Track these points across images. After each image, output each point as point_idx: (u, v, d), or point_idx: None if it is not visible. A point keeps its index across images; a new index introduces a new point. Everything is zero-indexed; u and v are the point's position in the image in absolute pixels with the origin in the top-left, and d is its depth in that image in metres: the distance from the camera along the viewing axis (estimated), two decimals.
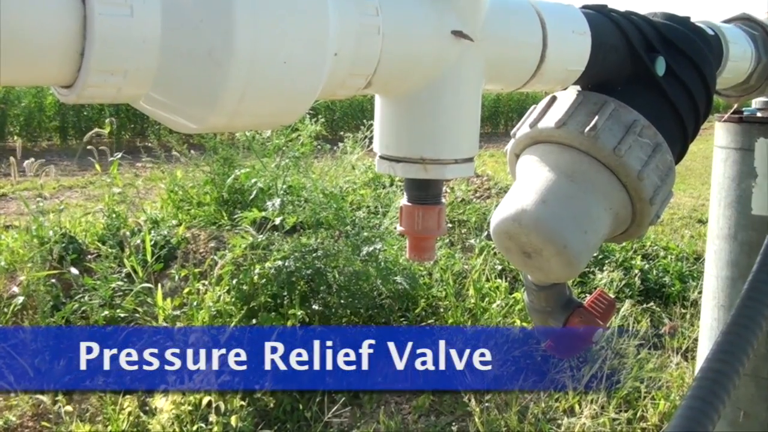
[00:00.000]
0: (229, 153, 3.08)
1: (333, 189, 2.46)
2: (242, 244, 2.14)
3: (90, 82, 0.31)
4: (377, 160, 0.52)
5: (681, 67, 0.61)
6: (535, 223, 0.55)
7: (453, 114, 0.48)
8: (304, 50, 0.35)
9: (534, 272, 0.61)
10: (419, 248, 0.53)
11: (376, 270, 2.19)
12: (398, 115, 0.48)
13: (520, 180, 0.60)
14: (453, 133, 0.48)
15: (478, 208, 3.57)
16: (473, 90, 0.49)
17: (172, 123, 0.36)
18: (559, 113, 0.59)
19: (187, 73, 0.33)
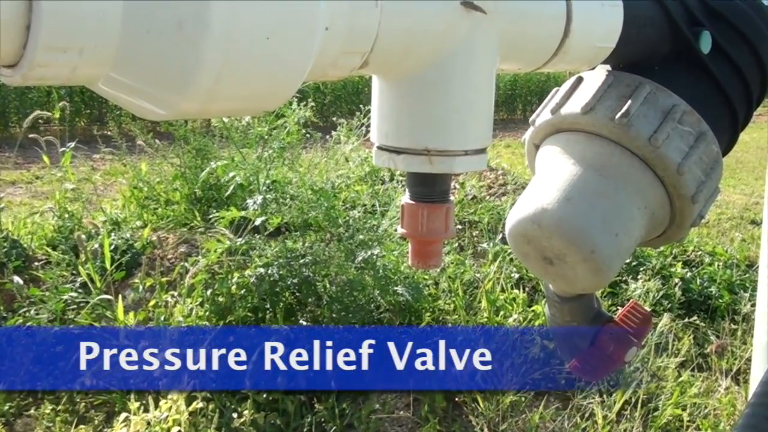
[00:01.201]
0: (202, 143, 3.08)
1: (324, 185, 2.46)
2: (218, 248, 2.14)
3: (38, 60, 0.31)
4: (375, 151, 0.52)
5: (730, 42, 0.61)
6: (558, 225, 0.55)
7: (462, 98, 0.48)
8: (291, 24, 0.36)
9: (556, 281, 0.61)
10: (424, 253, 0.54)
11: (374, 279, 2.20)
12: (399, 99, 0.49)
13: (541, 174, 0.61)
14: (462, 120, 0.48)
15: (491, 206, 3.57)
16: (486, 70, 0.49)
17: (137, 108, 0.36)
18: (586, 97, 0.59)
19: (154, 51, 0.33)
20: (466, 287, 2.61)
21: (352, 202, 3.28)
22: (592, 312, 0.76)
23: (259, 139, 2.60)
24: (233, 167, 2.76)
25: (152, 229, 2.81)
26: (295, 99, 2.48)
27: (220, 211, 2.30)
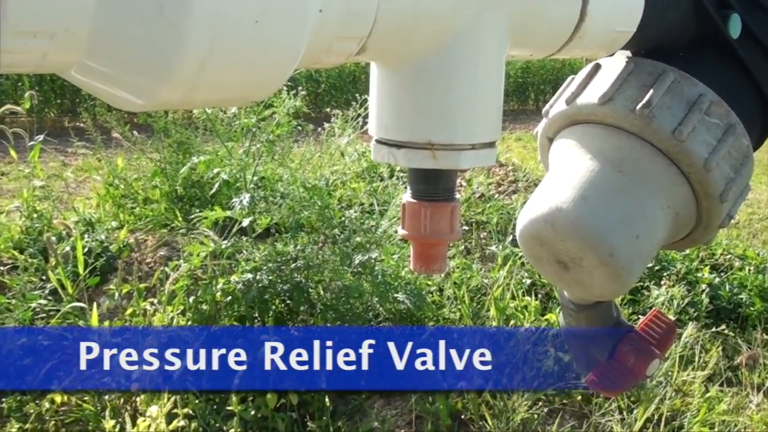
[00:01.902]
0: (184, 136, 3.08)
1: (317, 181, 2.46)
2: (201, 252, 2.14)
3: (6, 46, 0.31)
4: (373, 145, 0.52)
5: (762, 26, 0.61)
6: (573, 225, 0.55)
7: (469, 87, 0.48)
8: (281, 5, 0.36)
9: (572, 288, 0.61)
10: (426, 257, 0.54)
11: (372, 285, 2.20)
12: (400, 88, 0.49)
13: (555, 170, 0.61)
14: (469, 110, 0.49)
15: (501, 206, 3.57)
16: (495, 56, 0.49)
17: (113, 98, 0.36)
18: (604, 86, 0.59)
19: (132, 35, 0.33)
20: (473, 294, 2.61)
21: (348, 201, 3.28)
22: (610, 321, 0.77)
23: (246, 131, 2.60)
24: (218, 163, 2.76)
25: (129, 230, 2.81)
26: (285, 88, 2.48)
27: (203, 211, 2.30)
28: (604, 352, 0.76)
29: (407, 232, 0.53)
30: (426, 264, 0.54)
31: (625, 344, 0.75)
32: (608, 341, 0.76)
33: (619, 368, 0.74)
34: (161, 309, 2.09)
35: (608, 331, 0.76)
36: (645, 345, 0.75)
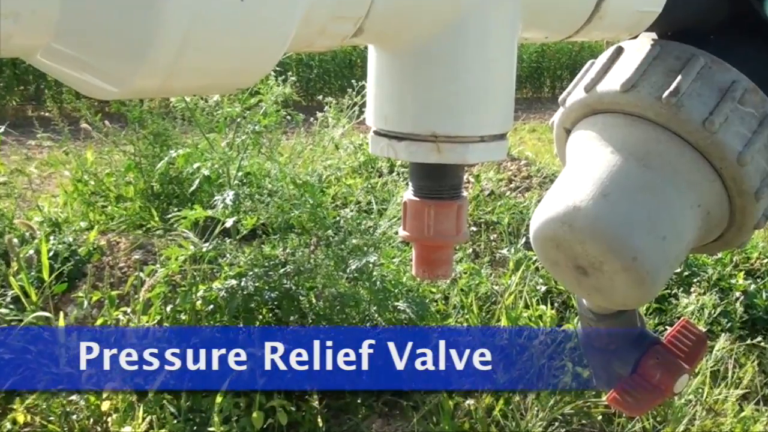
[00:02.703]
0: (161, 126, 3.08)
1: (308, 177, 2.46)
2: (180, 255, 2.14)
3: None
4: (371, 137, 0.52)
5: None
6: (593, 226, 0.56)
7: (478, 73, 0.48)
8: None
9: (592, 295, 0.61)
10: (430, 261, 0.54)
11: (370, 292, 2.20)
12: (401, 74, 0.49)
13: (572, 165, 0.61)
14: (477, 99, 0.49)
15: (513, 204, 3.57)
16: (506, 39, 0.49)
17: (83, 85, 0.36)
18: (627, 71, 0.59)
19: (104, 16, 0.33)
20: (482, 302, 2.61)
21: (343, 199, 3.28)
22: (634, 332, 0.77)
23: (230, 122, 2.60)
24: (198, 156, 2.76)
25: (100, 231, 2.81)
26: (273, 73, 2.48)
27: (182, 210, 2.29)
28: (626, 367, 0.76)
29: (409, 233, 0.53)
30: (430, 269, 0.54)
31: (651, 358, 0.75)
32: (631, 354, 0.76)
33: (643, 385, 0.74)
34: (135, 319, 2.09)
35: (632, 343, 0.76)
36: (672, 359, 0.75)
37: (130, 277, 2.34)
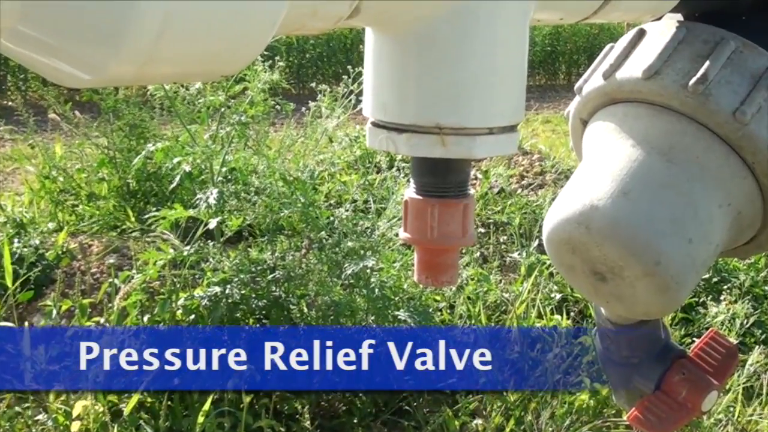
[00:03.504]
0: (138, 117, 3.08)
1: (300, 173, 2.46)
2: (158, 260, 2.14)
3: None
4: (369, 128, 0.52)
5: None
6: (613, 227, 0.56)
7: (486, 58, 0.48)
8: None
9: (611, 304, 0.61)
10: (434, 266, 0.54)
11: (367, 300, 2.20)
12: (402, 59, 0.49)
13: (589, 160, 0.61)
14: (486, 87, 0.49)
15: (525, 203, 3.58)
16: (517, 20, 0.50)
17: (52, 72, 0.36)
18: (650, 57, 0.59)
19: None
20: (491, 312, 2.61)
21: (337, 198, 3.28)
22: (657, 345, 0.77)
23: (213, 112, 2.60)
24: (178, 150, 2.76)
25: (70, 233, 2.81)
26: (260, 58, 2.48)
27: (161, 210, 2.29)
28: (649, 383, 0.76)
29: (410, 235, 0.54)
30: (433, 274, 0.54)
31: (676, 373, 0.75)
32: (655, 369, 0.76)
33: (668, 402, 0.74)
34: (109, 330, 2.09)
35: (655, 356, 0.76)
36: (700, 374, 0.75)
37: (103, 284, 2.34)
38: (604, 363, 0.81)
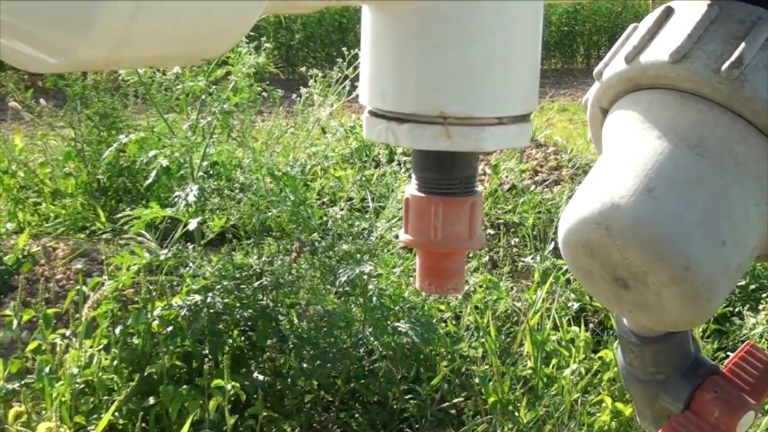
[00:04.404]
0: (108, 105, 3.08)
1: (289, 168, 2.46)
2: (132, 264, 2.14)
3: None
4: (366, 118, 0.53)
5: None
6: (636, 228, 0.56)
7: (495, 39, 0.49)
8: None
9: (634, 314, 0.61)
10: (438, 272, 0.54)
11: (364, 310, 2.20)
12: (401, 41, 0.49)
13: (610, 153, 0.61)
14: (495, 72, 0.49)
15: (538, 201, 3.58)
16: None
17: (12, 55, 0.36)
18: (678, 38, 0.59)
19: None
20: (502, 323, 2.61)
21: (331, 195, 3.28)
22: (687, 359, 0.77)
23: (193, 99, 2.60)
24: (155, 142, 2.76)
25: (32, 235, 2.81)
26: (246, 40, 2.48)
27: (135, 209, 2.29)
28: (677, 402, 0.76)
29: (412, 237, 0.54)
30: (437, 281, 0.54)
31: (707, 391, 0.75)
32: (684, 387, 0.76)
33: (698, 424, 0.74)
34: (76, 343, 2.09)
35: (684, 373, 0.76)
36: (735, 392, 0.75)
37: (69, 292, 2.34)
38: (627, 380, 0.81)
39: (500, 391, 2.26)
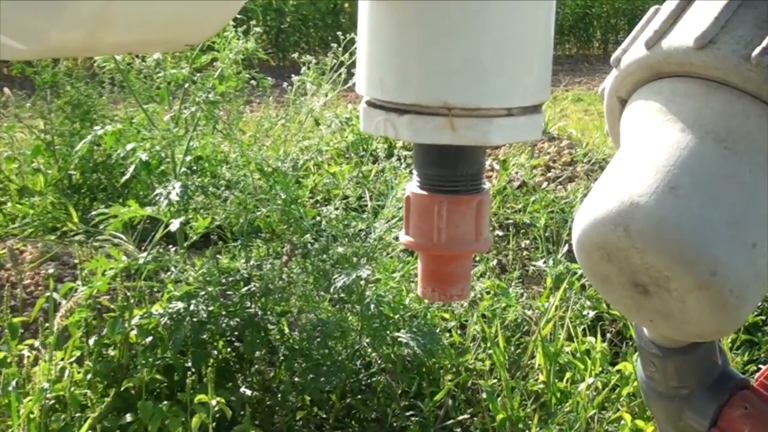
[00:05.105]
0: (82, 94, 3.07)
1: (280, 163, 2.46)
2: (108, 269, 2.14)
3: None
4: (363, 109, 0.53)
5: None
6: (658, 229, 0.56)
7: (503, 24, 0.49)
8: None
9: (656, 323, 0.62)
10: (442, 277, 0.54)
11: (361, 319, 2.20)
12: (401, 25, 0.49)
13: (629, 147, 0.61)
14: (503, 58, 0.49)
15: (551, 200, 3.58)
16: None
17: None
18: (704, 22, 0.59)
19: None
20: (511, 333, 2.61)
21: (325, 193, 3.28)
22: (713, 372, 0.77)
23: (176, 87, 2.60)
24: (133, 135, 2.76)
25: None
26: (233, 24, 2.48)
27: (111, 207, 2.30)
28: (703, 419, 0.77)
29: (413, 239, 0.54)
30: (441, 287, 0.54)
31: (736, 407, 0.76)
32: (710, 402, 0.76)
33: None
34: (46, 356, 2.09)
35: (710, 387, 0.76)
36: (766, 408, 0.76)
37: (39, 299, 2.34)
38: (647, 395, 0.81)
39: (509, 407, 2.26)
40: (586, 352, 2.51)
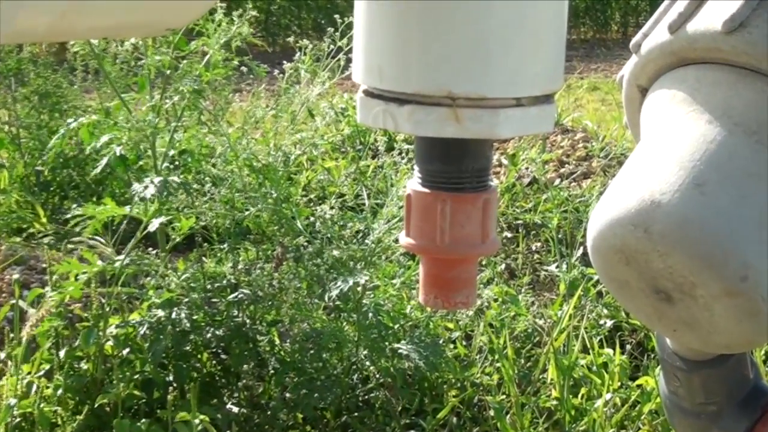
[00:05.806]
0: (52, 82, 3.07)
1: (271, 158, 2.46)
2: (80, 273, 2.14)
3: None
4: (360, 99, 0.53)
5: None
6: (682, 231, 0.56)
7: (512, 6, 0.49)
8: None
9: (680, 333, 0.61)
10: (445, 283, 0.54)
11: (358, 329, 2.20)
12: (401, 10, 0.49)
13: (650, 141, 0.61)
14: (512, 45, 0.49)
15: (564, 198, 3.58)
16: None
17: None
18: (733, 4, 0.59)
19: None
20: (521, 344, 2.61)
21: (320, 191, 3.28)
22: (744, 387, 0.77)
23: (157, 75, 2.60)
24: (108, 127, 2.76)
25: None
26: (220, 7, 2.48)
27: (84, 206, 2.29)
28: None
29: (414, 241, 0.54)
30: (444, 294, 0.54)
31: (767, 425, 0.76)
32: (740, 420, 0.76)
33: None
34: (12, 369, 2.09)
35: (740, 403, 0.76)
36: None
37: (3, 307, 2.34)
38: (671, 412, 0.81)
39: (519, 425, 2.26)
40: (603, 365, 2.51)
